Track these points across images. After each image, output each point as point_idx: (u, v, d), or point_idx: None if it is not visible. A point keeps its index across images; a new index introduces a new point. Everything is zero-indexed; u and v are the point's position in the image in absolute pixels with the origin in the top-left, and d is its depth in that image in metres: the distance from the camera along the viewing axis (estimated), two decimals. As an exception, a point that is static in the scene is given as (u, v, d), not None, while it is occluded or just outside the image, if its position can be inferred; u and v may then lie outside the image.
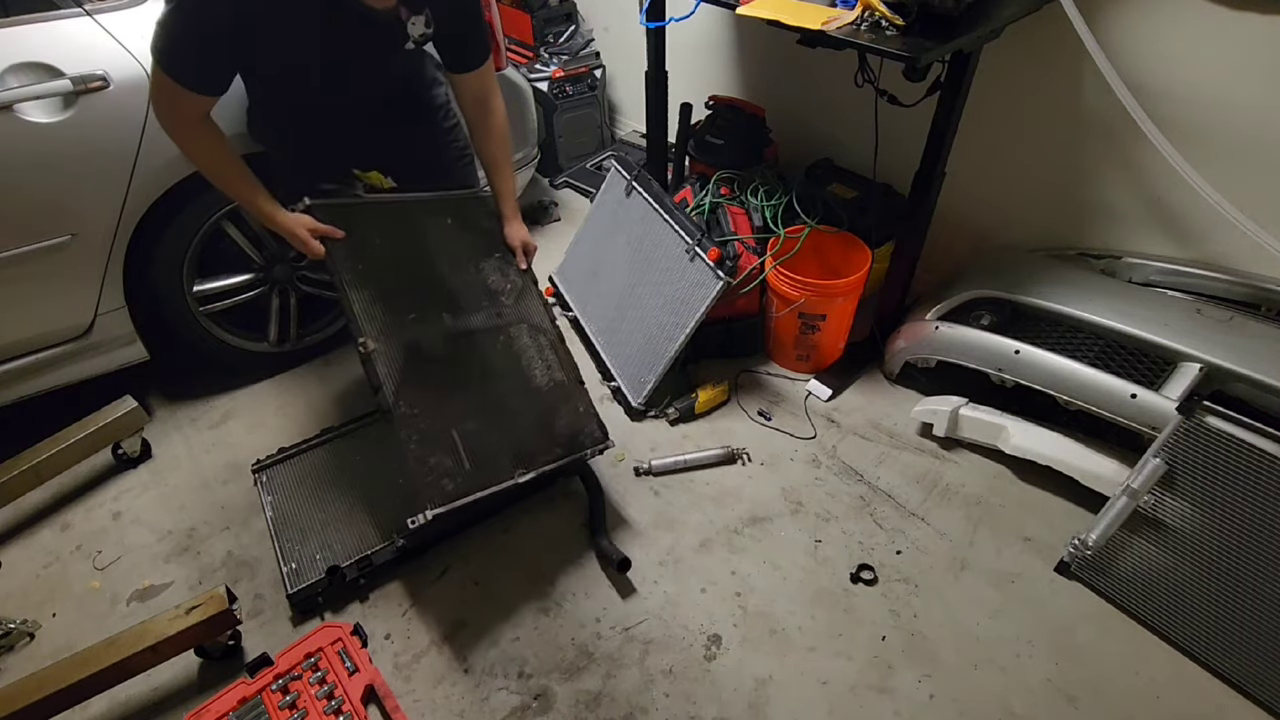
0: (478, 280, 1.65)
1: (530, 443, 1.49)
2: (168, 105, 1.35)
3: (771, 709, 1.44)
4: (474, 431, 1.43)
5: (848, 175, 2.38)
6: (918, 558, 1.69)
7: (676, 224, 2.09)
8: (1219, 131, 1.64)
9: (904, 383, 2.14)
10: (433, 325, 1.52)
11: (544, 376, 1.59)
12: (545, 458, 1.48)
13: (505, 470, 1.43)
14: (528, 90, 2.39)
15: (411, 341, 1.47)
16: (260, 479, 1.87)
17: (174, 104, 1.34)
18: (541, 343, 1.64)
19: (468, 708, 1.46)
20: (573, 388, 1.64)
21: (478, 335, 1.55)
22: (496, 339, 1.58)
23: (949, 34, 1.47)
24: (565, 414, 1.58)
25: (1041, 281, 1.85)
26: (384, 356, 1.43)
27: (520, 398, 1.55)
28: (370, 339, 1.43)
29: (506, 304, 1.64)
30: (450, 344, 1.51)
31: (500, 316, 1.61)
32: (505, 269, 1.71)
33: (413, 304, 1.52)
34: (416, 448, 1.36)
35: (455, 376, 1.48)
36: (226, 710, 1.39)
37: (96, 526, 1.84)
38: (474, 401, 1.47)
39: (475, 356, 1.53)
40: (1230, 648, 1.43)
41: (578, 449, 1.54)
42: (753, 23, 1.99)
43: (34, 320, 1.78)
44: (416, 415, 1.39)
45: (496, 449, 1.44)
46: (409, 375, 1.43)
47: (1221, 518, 1.38)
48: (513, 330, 1.61)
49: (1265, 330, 1.60)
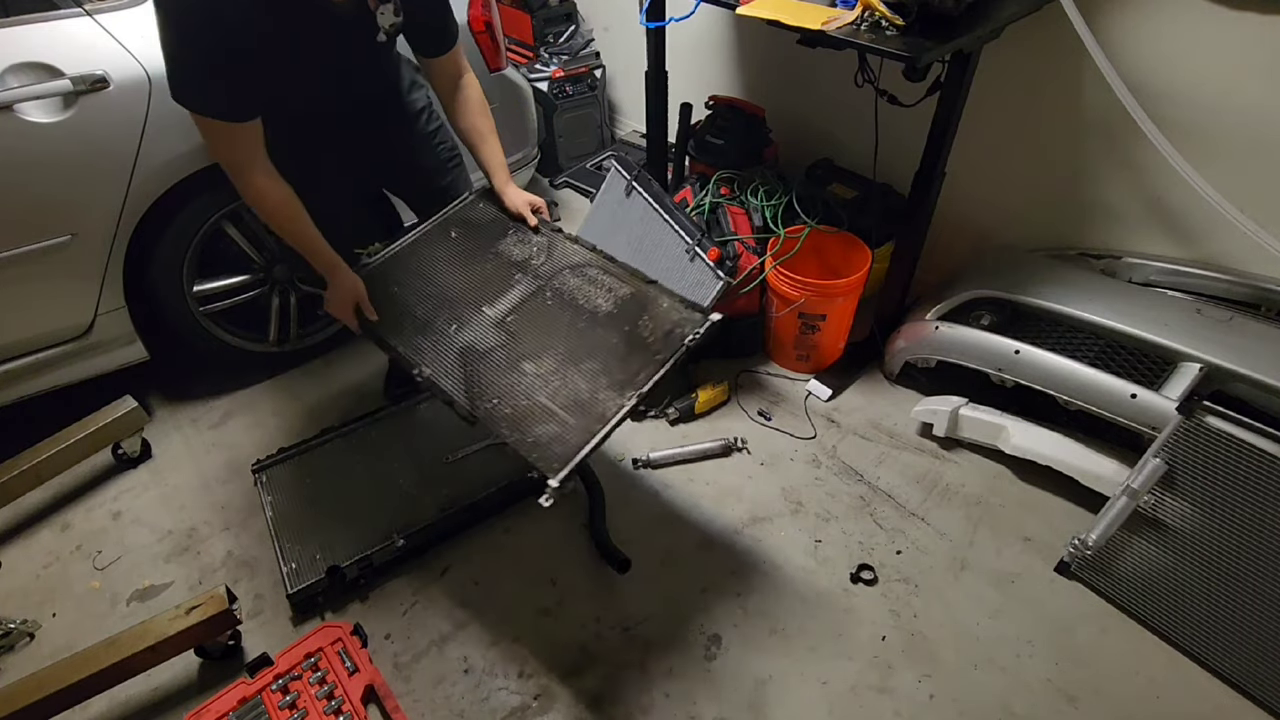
0: (501, 263, 1.61)
1: (626, 365, 1.39)
2: (225, 147, 1.34)
3: (771, 709, 1.44)
4: (562, 386, 1.37)
5: (848, 175, 2.38)
6: (918, 558, 1.69)
7: (676, 224, 2.09)
8: (1219, 131, 1.64)
9: (904, 383, 2.14)
10: (476, 323, 1.49)
11: (609, 300, 1.51)
12: (647, 370, 1.36)
13: (611, 402, 1.33)
14: (528, 90, 2.39)
15: (463, 347, 1.46)
16: (260, 479, 1.87)
17: (230, 143, 1.32)
18: (590, 274, 1.55)
19: (468, 708, 1.46)
20: (646, 291, 1.52)
21: (523, 306, 1.51)
22: (544, 298, 1.52)
23: (949, 34, 1.47)
24: (651, 319, 1.46)
25: (1041, 281, 1.85)
26: (443, 374, 1.42)
27: (595, 332, 1.46)
28: (423, 365, 1.43)
29: (539, 265, 1.59)
30: (500, 329, 1.48)
31: (538, 277, 1.56)
32: (523, 238, 1.65)
33: (450, 318, 1.52)
34: (511, 433, 1.30)
35: (518, 353, 1.43)
36: (226, 710, 1.39)
37: (96, 526, 1.84)
38: (548, 362, 1.41)
39: (530, 324, 1.48)
40: (1230, 648, 1.43)
41: (678, 343, 1.40)
42: (753, 23, 1.98)
43: (34, 320, 1.78)
44: (496, 405, 1.35)
45: (592, 389, 1.36)
46: (474, 376, 1.41)
47: (1221, 518, 1.38)
48: (555, 282, 1.54)
49: (1265, 330, 1.60)
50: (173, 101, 1.43)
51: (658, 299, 1.49)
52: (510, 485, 1.81)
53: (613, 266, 1.57)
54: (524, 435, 1.31)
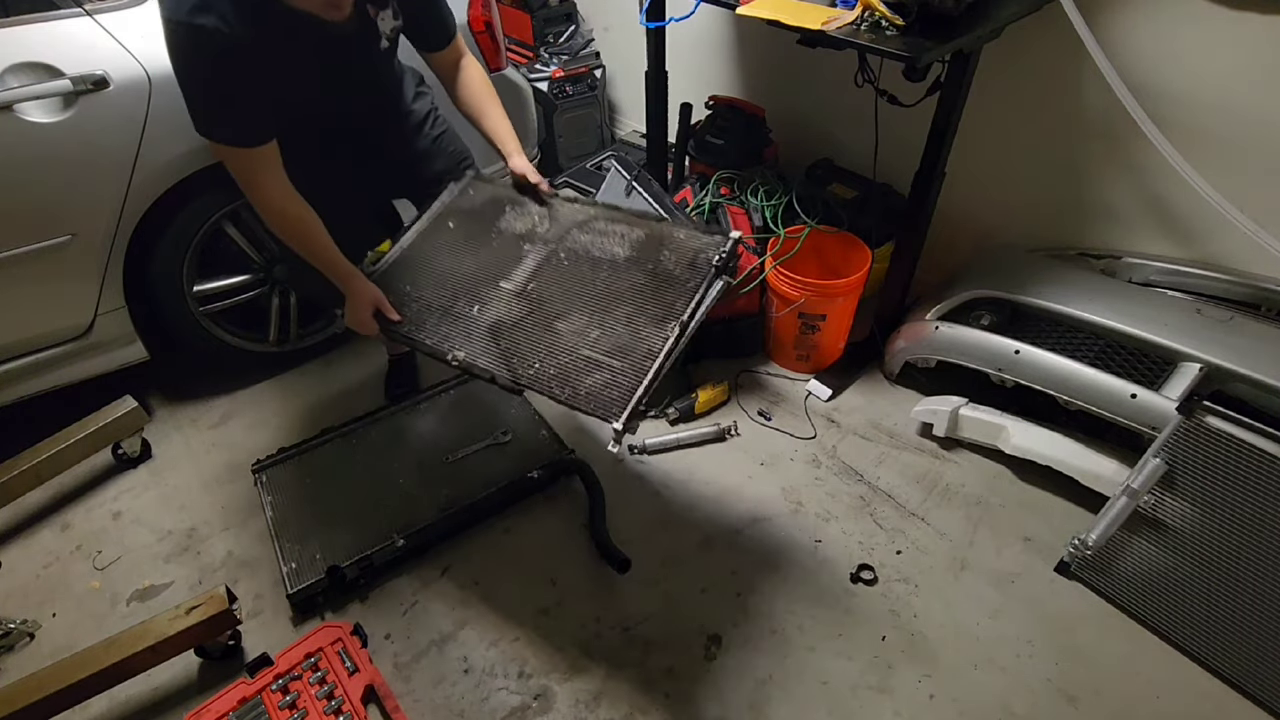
0: (506, 238, 1.60)
1: (660, 299, 1.38)
2: (242, 170, 1.36)
3: (771, 709, 1.44)
4: (601, 336, 1.35)
5: (848, 175, 2.38)
6: (918, 558, 1.69)
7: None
8: (1219, 132, 1.64)
9: (904, 383, 2.14)
10: (498, 299, 1.48)
11: (624, 246, 1.49)
12: (683, 299, 1.35)
13: (655, 337, 1.32)
14: (528, 90, 2.39)
15: (492, 324, 1.45)
16: (260, 479, 1.87)
17: (246, 166, 1.35)
18: (597, 228, 1.54)
19: (468, 708, 1.46)
20: (659, 229, 1.50)
21: (541, 273, 1.50)
22: (559, 260, 1.51)
23: (949, 34, 1.47)
24: (671, 253, 1.44)
25: (1041, 281, 1.85)
26: (478, 353, 1.41)
27: (619, 278, 1.44)
28: (455, 349, 1.42)
29: (544, 232, 1.58)
30: (523, 299, 1.46)
31: (548, 243, 1.54)
32: (523, 211, 1.63)
33: (470, 300, 1.50)
34: (562, 391, 1.30)
35: (549, 315, 1.42)
36: (226, 710, 1.39)
37: (96, 526, 1.84)
38: (581, 318, 1.40)
39: (552, 287, 1.47)
40: (1230, 648, 1.43)
41: (707, 267, 1.38)
42: (753, 23, 1.98)
43: (34, 320, 1.78)
44: (539, 369, 1.34)
45: (632, 331, 1.35)
46: (510, 348, 1.39)
47: (1221, 518, 1.38)
48: (565, 243, 1.53)
49: (1265, 330, 1.60)
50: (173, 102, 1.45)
51: (673, 233, 1.46)
52: (510, 485, 1.81)
53: (618, 214, 1.54)
54: (575, 389, 1.29)
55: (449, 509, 1.76)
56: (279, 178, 1.39)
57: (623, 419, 1.21)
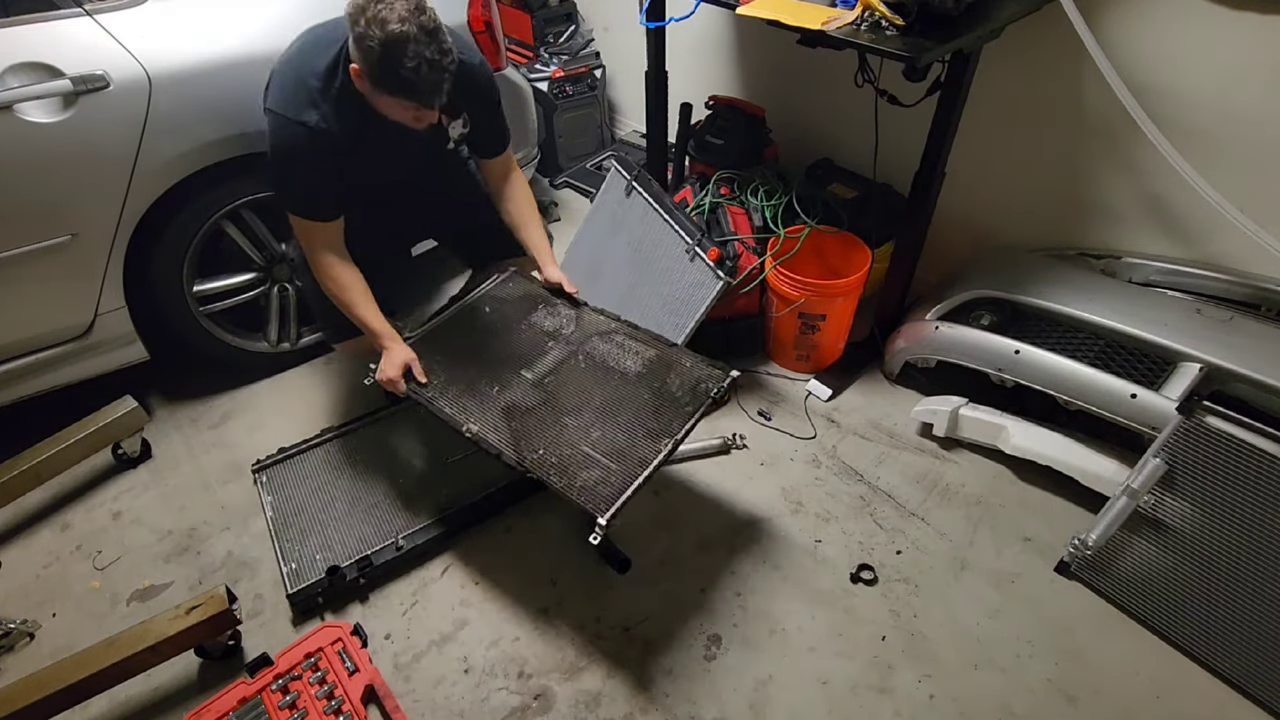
0: (534, 332, 1.73)
1: (659, 417, 1.52)
2: (305, 236, 1.57)
3: (771, 709, 1.44)
4: (602, 437, 1.49)
5: (848, 175, 2.38)
6: (918, 558, 1.70)
7: (676, 224, 2.09)
8: (1219, 131, 1.64)
9: (904, 383, 2.14)
10: (516, 385, 1.61)
11: (636, 362, 1.64)
12: (679, 421, 1.50)
13: (649, 449, 1.45)
14: (528, 90, 2.39)
15: (506, 406, 1.57)
16: (260, 479, 1.87)
17: (309, 234, 1.56)
18: (616, 340, 1.69)
19: (468, 708, 1.46)
20: (669, 354, 1.65)
21: (559, 370, 1.64)
22: (577, 361, 1.65)
23: (949, 34, 1.47)
24: (676, 377, 1.59)
25: (1041, 281, 1.85)
26: (490, 430, 1.52)
27: (627, 389, 1.58)
28: (471, 423, 1.53)
29: (569, 333, 1.72)
30: (539, 389, 1.60)
31: (570, 344, 1.69)
32: (554, 310, 1.77)
33: (492, 381, 1.62)
34: (559, 479, 1.42)
35: (559, 409, 1.56)
36: (226, 710, 1.39)
37: (96, 526, 1.84)
38: (587, 417, 1.53)
39: (567, 384, 1.60)
40: (1230, 648, 1.43)
41: (704, 397, 1.54)
42: (753, 23, 1.98)
43: (34, 320, 1.78)
44: (542, 455, 1.46)
45: (630, 439, 1.48)
46: (519, 431, 1.51)
47: (1221, 518, 1.38)
48: (586, 347, 1.68)
49: (1265, 330, 1.60)
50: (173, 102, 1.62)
51: (680, 359, 1.63)
52: (510, 485, 1.81)
53: (637, 333, 1.70)
54: (571, 480, 1.41)
55: (449, 509, 1.76)
56: (339, 247, 1.59)
57: (607, 516, 1.33)
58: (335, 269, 1.58)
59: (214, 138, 1.78)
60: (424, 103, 1.36)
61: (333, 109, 1.43)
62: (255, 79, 1.78)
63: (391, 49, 1.27)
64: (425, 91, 1.33)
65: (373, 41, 1.27)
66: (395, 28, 1.25)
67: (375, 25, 1.26)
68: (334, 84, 1.43)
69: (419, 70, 1.29)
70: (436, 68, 1.31)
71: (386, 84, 1.33)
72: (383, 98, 1.37)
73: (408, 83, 1.31)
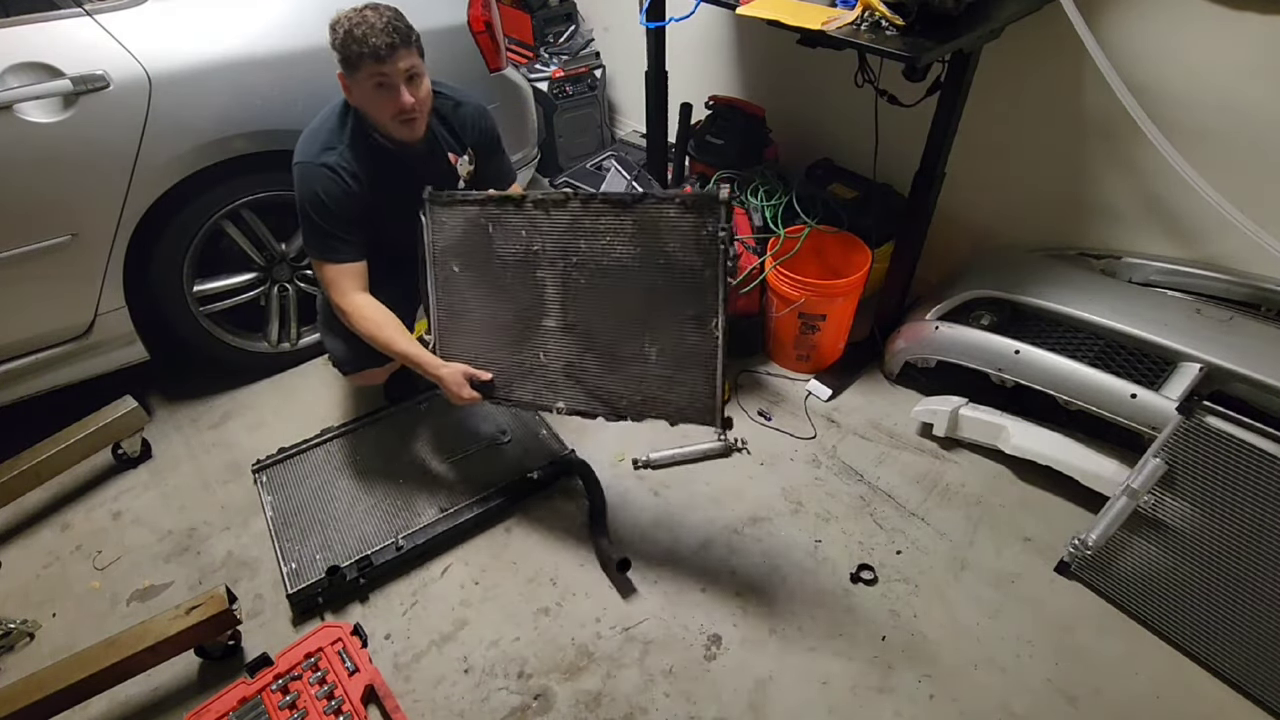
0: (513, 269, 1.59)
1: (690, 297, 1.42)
2: (335, 283, 1.62)
3: (771, 709, 1.44)
4: (661, 353, 1.47)
5: (848, 175, 2.38)
6: (918, 558, 1.69)
7: (676, 224, 2.09)
8: (1219, 132, 1.64)
9: (904, 383, 2.14)
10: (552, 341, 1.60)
11: (624, 243, 1.47)
12: (710, 290, 1.39)
13: (706, 340, 1.42)
14: (528, 90, 2.39)
15: (563, 369, 1.59)
16: (260, 479, 1.87)
17: (339, 280, 1.62)
18: (585, 227, 1.50)
19: (468, 708, 1.46)
20: (643, 211, 1.44)
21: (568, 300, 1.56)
22: (576, 281, 1.53)
23: (949, 34, 1.47)
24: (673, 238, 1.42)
25: (1041, 281, 1.85)
26: (570, 399, 1.56)
27: (641, 284, 1.46)
28: (556, 402, 1.58)
29: (540, 248, 1.56)
30: (572, 334, 1.57)
31: (553, 264, 1.55)
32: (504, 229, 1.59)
33: (533, 346, 1.61)
34: (655, 411, 1.45)
35: (604, 345, 1.53)
36: (226, 710, 1.39)
37: (96, 526, 1.84)
38: (632, 341, 1.49)
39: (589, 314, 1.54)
40: (1230, 648, 1.43)
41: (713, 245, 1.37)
42: (753, 23, 1.99)
43: (34, 320, 1.78)
44: (626, 401, 1.47)
45: (680, 339, 1.44)
46: (594, 387, 1.53)
47: (1221, 518, 1.38)
48: (569, 257, 1.53)
49: (1265, 330, 1.60)
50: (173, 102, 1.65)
51: (662, 211, 1.42)
52: (510, 485, 1.81)
53: (595, 205, 1.49)
54: (671, 409, 1.46)
55: (449, 509, 1.76)
56: (366, 288, 1.65)
57: (720, 423, 1.42)
58: (368, 309, 1.62)
59: (214, 138, 1.78)
60: (377, 52, 1.44)
61: (349, 150, 1.58)
62: (255, 79, 1.80)
63: (344, 26, 1.46)
64: (372, 39, 1.43)
65: (331, 35, 1.47)
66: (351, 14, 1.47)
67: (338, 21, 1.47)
68: (345, 129, 1.59)
69: (364, 22, 1.44)
70: (378, 14, 1.46)
71: (346, 55, 1.47)
72: (356, 83, 1.51)
73: (356, 38, 1.44)
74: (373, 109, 1.54)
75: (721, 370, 1.39)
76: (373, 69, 1.47)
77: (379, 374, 1.85)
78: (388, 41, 1.44)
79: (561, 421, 2.03)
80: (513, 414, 2.04)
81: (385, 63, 1.46)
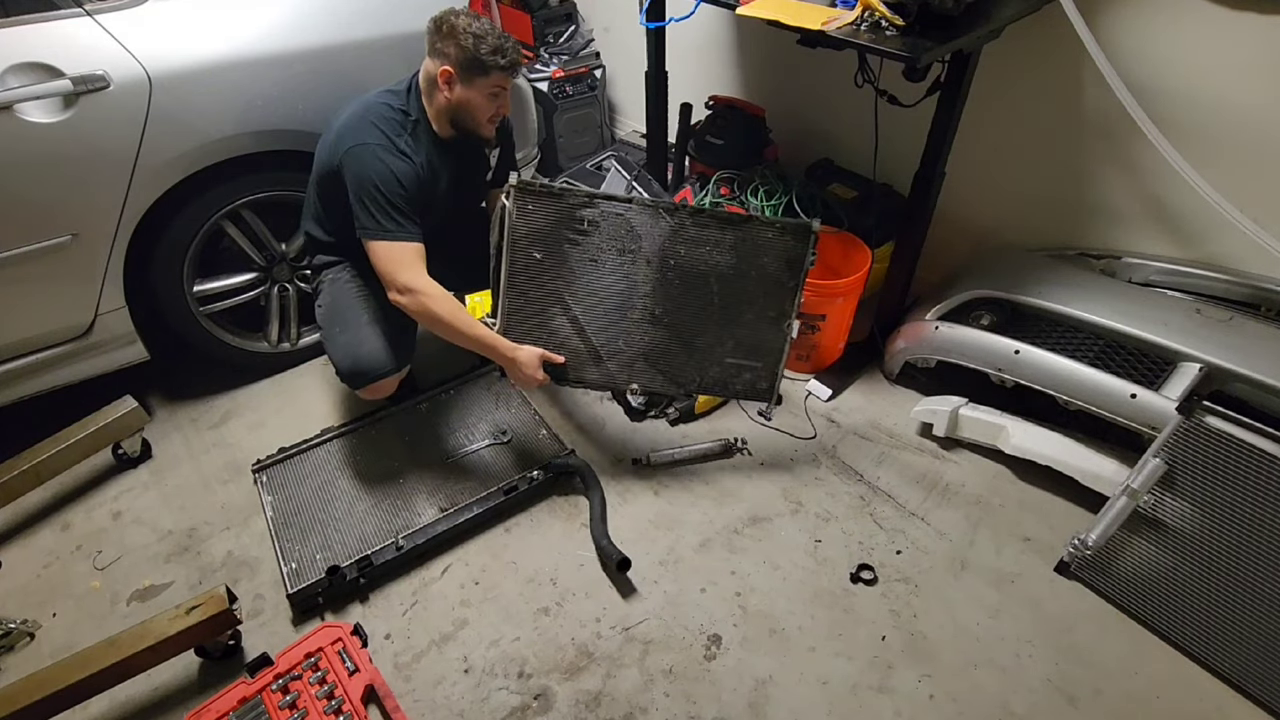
0: (604, 263, 1.70)
1: (771, 301, 1.70)
2: (402, 263, 1.61)
3: (771, 709, 1.44)
4: (736, 344, 1.66)
5: (848, 175, 2.38)
6: (918, 558, 1.69)
7: (677, 224, 2.09)
8: (1219, 131, 1.64)
9: (904, 383, 2.14)
10: (635, 329, 1.72)
11: (723, 254, 1.69)
12: (789, 299, 1.70)
13: (776, 336, 1.69)
14: (528, 90, 2.39)
15: (643, 353, 1.71)
16: (260, 479, 1.87)
17: (406, 259, 1.61)
18: (688, 235, 1.68)
19: (468, 708, 1.46)
20: (747, 230, 1.69)
21: (658, 295, 1.71)
22: (669, 279, 1.70)
23: (949, 34, 1.47)
24: (766, 255, 1.70)
25: (1041, 281, 1.85)
26: (647, 381, 1.70)
27: (732, 287, 1.70)
28: (631, 383, 1.72)
29: (638, 248, 1.69)
30: (657, 325, 1.71)
31: (648, 260, 1.69)
32: (603, 226, 1.67)
33: (613, 334, 1.71)
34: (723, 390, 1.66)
35: (687, 334, 1.70)
36: (226, 710, 1.39)
37: (96, 526, 1.84)
38: (714, 331, 1.71)
39: (679, 308, 1.71)
40: (1230, 648, 1.43)
41: (799, 265, 1.69)
42: (753, 23, 1.99)
43: (34, 320, 1.78)
44: (699, 380, 1.67)
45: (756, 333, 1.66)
46: (669, 370, 1.66)
47: (1221, 518, 1.38)
48: (668, 258, 1.69)
49: (1265, 330, 1.60)
50: (173, 102, 1.66)
51: (761, 233, 1.69)
52: (510, 485, 1.81)
53: (702, 218, 1.69)
54: (734, 388, 1.70)
55: (449, 509, 1.76)
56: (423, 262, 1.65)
57: (774, 400, 1.77)
58: (436, 290, 1.62)
59: (214, 138, 1.78)
60: (514, 67, 1.61)
61: (412, 140, 1.67)
62: (256, 79, 1.80)
63: (479, 34, 1.56)
64: (512, 54, 1.59)
65: (463, 38, 1.55)
66: (476, 22, 1.58)
67: (458, 28, 1.56)
68: (409, 119, 1.67)
69: (494, 33, 1.57)
70: (491, 26, 1.60)
71: (482, 62, 1.57)
72: (474, 86, 1.61)
73: (498, 49, 1.57)
74: (477, 111, 1.65)
75: (783, 366, 1.70)
76: (499, 79, 1.61)
77: (388, 386, 1.82)
78: (520, 60, 1.62)
79: (562, 421, 2.03)
80: (513, 414, 2.04)
81: (515, 75, 1.63)
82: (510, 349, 1.65)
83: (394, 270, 1.61)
